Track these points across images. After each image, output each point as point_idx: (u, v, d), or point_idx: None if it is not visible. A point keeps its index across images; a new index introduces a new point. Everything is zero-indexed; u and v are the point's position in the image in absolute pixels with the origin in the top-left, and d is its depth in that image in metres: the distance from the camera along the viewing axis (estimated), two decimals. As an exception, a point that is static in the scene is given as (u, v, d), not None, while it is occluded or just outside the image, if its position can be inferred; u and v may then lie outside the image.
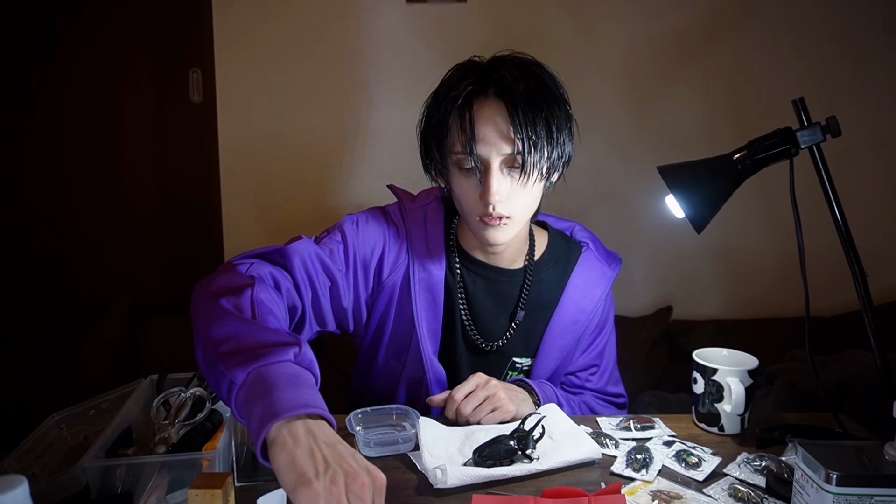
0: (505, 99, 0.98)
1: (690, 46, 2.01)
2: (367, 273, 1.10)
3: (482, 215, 1.02)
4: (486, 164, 0.99)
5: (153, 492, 0.80)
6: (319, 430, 0.67)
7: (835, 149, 1.05)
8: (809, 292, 0.95)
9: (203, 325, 0.81)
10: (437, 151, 1.04)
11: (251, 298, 0.85)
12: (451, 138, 1.02)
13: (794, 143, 0.92)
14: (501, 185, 0.99)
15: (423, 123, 1.07)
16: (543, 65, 1.04)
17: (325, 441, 0.66)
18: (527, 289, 1.16)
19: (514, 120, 0.97)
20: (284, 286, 0.98)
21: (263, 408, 0.67)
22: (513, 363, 1.18)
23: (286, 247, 1.01)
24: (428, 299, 1.11)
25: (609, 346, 1.25)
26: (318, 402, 0.70)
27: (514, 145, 0.97)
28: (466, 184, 1.03)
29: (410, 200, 1.17)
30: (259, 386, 0.70)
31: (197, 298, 0.89)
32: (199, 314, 0.85)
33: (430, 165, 1.08)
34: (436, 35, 1.99)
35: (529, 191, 1.02)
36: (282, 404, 0.67)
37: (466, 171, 1.02)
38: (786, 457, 0.92)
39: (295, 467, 0.63)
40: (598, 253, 1.21)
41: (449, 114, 1.01)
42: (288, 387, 0.70)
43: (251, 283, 0.89)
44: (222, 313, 0.82)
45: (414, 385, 1.15)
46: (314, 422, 0.68)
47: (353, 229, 1.10)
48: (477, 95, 1.00)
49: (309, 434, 0.66)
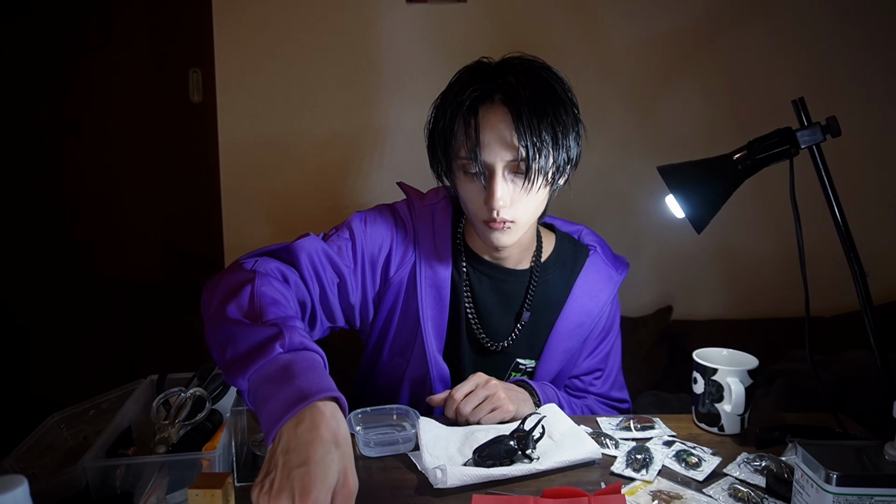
0: (510, 105, 0.98)
1: (691, 46, 2.01)
2: (375, 270, 1.10)
3: (487, 220, 1.02)
4: (491, 169, 0.99)
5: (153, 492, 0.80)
6: (290, 436, 0.68)
7: (835, 149, 1.05)
8: (809, 292, 0.95)
9: (211, 330, 0.84)
10: (443, 155, 1.05)
11: (251, 293, 0.87)
12: (456, 143, 1.02)
13: (794, 143, 0.92)
14: (505, 191, 1.00)
15: (430, 126, 1.07)
16: (552, 68, 1.04)
17: (282, 449, 0.67)
18: (532, 289, 1.16)
19: (518, 127, 0.97)
20: (292, 280, 0.99)
21: (266, 417, 0.71)
22: (516, 364, 1.18)
23: (293, 243, 1.02)
24: (434, 297, 1.11)
25: (614, 351, 1.25)
26: (304, 388, 0.71)
27: (518, 152, 0.97)
28: (471, 188, 1.03)
29: (420, 198, 1.17)
30: (260, 391, 0.73)
31: (205, 300, 0.91)
32: (206, 315, 0.88)
33: (437, 168, 1.08)
34: (436, 35, 1.99)
35: (534, 196, 1.02)
36: (273, 414, 0.70)
37: (471, 175, 1.02)
38: (786, 457, 0.92)
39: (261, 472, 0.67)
40: (606, 257, 1.21)
41: (455, 119, 1.01)
42: (276, 387, 0.72)
43: (252, 277, 0.90)
44: (221, 317, 0.84)
45: (417, 383, 1.15)
46: (294, 424, 0.68)
47: (362, 226, 1.11)
48: (483, 101, 1.00)
49: (280, 440, 0.68)
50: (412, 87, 2.01)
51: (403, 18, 1.99)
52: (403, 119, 2.03)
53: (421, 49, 1.99)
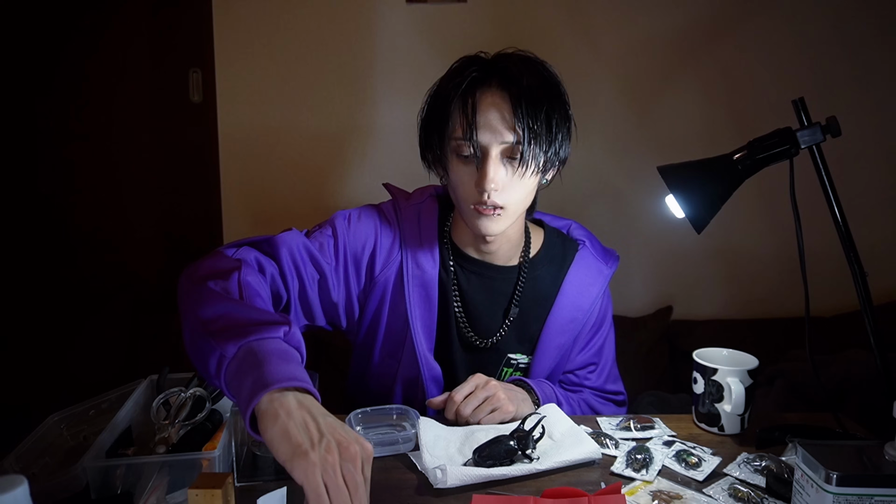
0: (509, 89, 0.99)
1: (690, 46, 2.01)
2: (359, 268, 1.10)
3: (476, 203, 1.02)
4: (486, 151, 1.00)
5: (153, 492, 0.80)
6: (309, 402, 0.70)
7: (835, 149, 1.05)
8: (809, 292, 0.95)
9: (191, 307, 0.83)
10: (437, 138, 1.05)
11: (238, 281, 0.87)
12: (451, 124, 1.02)
13: (794, 143, 0.92)
14: (498, 173, 1.00)
15: (425, 110, 1.08)
16: (547, 64, 1.05)
17: (317, 412, 0.68)
18: (521, 286, 1.16)
19: (516, 110, 0.98)
20: (269, 272, 0.99)
21: (254, 379, 0.69)
22: (508, 360, 1.18)
23: (275, 237, 1.03)
24: (422, 296, 1.11)
25: (607, 344, 1.25)
26: (306, 377, 0.72)
27: (515, 134, 0.98)
28: (464, 171, 1.03)
29: (405, 198, 1.17)
30: (250, 359, 0.72)
31: (184, 282, 0.90)
32: (186, 296, 0.87)
33: (429, 153, 1.08)
34: (436, 35, 1.99)
35: (525, 183, 1.02)
36: (272, 376, 0.69)
37: (465, 158, 1.02)
38: (786, 457, 0.92)
39: (290, 439, 0.65)
40: (595, 251, 1.21)
41: (451, 100, 1.02)
42: (278, 361, 0.72)
43: (238, 266, 0.90)
44: (211, 295, 0.83)
45: (410, 383, 1.15)
46: (303, 395, 0.70)
47: (345, 224, 1.11)
48: (480, 84, 1.01)
49: (301, 406, 0.68)
50: (412, 87, 2.00)
51: (403, 18, 1.99)
52: (404, 119, 2.03)
53: (421, 49, 1.99)
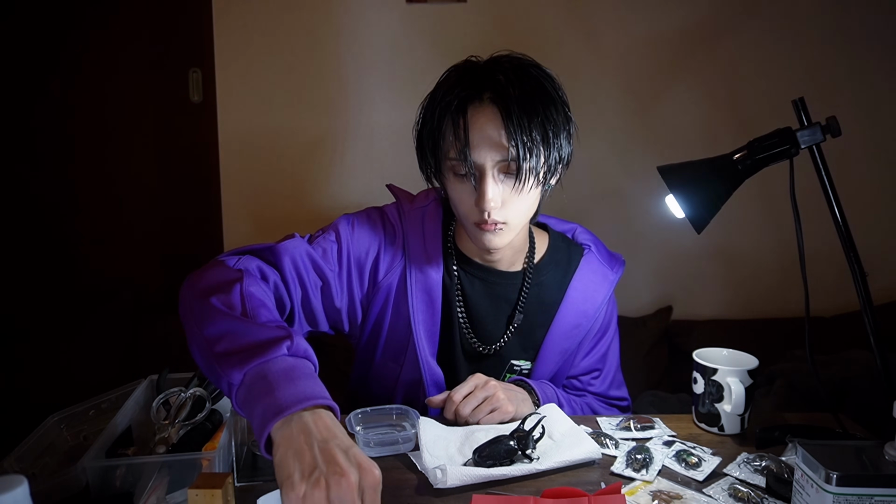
0: (499, 104, 0.96)
1: (690, 46, 2.01)
2: (362, 273, 1.09)
3: (478, 221, 1.01)
4: (481, 170, 0.98)
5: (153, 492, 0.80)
6: (316, 426, 0.67)
7: (835, 149, 1.05)
8: (809, 292, 0.95)
9: (196, 324, 0.82)
10: (432, 156, 1.03)
11: (241, 293, 0.85)
12: (445, 144, 1.00)
13: (794, 143, 0.92)
14: (496, 192, 0.98)
15: (419, 127, 1.06)
16: (542, 66, 1.02)
17: (318, 438, 0.66)
18: (525, 291, 1.15)
19: (508, 126, 0.95)
20: (272, 280, 0.97)
21: (264, 408, 0.68)
22: (511, 366, 1.17)
23: (277, 244, 1.01)
24: (425, 301, 1.10)
25: (612, 350, 1.24)
26: (316, 391, 0.70)
27: (508, 151, 0.95)
28: (462, 189, 1.01)
29: (409, 201, 1.15)
30: (257, 385, 0.71)
31: (186, 296, 0.88)
32: (190, 312, 0.85)
33: (426, 169, 1.07)
34: (435, 35, 1.99)
35: (525, 196, 1.00)
36: (280, 403, 0.68)
37: (461, 176, 1.00)
38: (786, 457, 0.92)
39: (283, 469, 0.64)
40: (601, 255, 1.19)
41: (443, 119, 0.99)
42: (285, 383, 0.70)
43: (240, 277, 0.88)
44: (213, 311, 0.81)
45: (411, 387, 1.14)
46: (313, 416, 0.68)
47: (349, 229, 1.10)
48: (471, 100, 0.98)
49: (302, 433, 0.66)
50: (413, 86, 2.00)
51: (403, 18, 1.99)
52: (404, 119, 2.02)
53: (421, 49, 1.99)
